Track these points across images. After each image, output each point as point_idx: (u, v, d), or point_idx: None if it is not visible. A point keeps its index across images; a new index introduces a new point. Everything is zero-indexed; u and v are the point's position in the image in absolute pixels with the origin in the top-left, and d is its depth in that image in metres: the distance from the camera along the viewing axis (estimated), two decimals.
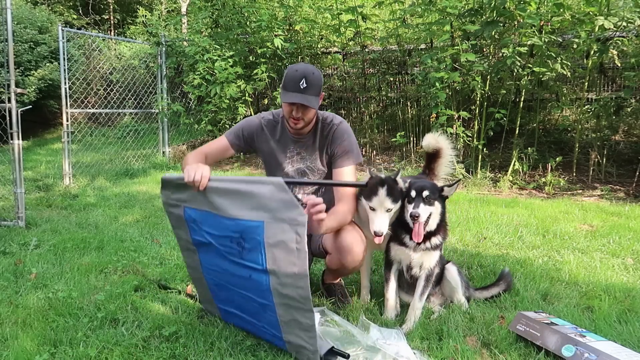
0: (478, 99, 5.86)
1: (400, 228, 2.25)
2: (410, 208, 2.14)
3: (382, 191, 2.10)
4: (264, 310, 1.92)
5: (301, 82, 2.13)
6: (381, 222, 2.12)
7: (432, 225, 2.19)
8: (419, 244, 2.20)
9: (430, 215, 2.16)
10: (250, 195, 1.79)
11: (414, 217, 2.10)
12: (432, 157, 2.84)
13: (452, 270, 2.36)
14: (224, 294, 2.11)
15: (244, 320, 2.10)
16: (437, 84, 5.55)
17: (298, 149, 2.37)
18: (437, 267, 2.29)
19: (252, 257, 1.84)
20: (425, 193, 2.14)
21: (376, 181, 2.13)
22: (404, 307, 2.35)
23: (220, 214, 1.87)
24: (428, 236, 2.20)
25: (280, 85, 2.24)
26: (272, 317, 1.90)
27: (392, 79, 7.40)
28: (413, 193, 2.16)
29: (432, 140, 2.77)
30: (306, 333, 1.83)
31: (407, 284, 2.36)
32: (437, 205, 2.18)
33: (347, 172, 2.29)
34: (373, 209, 2.14)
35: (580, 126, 5.89)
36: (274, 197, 1.75)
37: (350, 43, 7.28)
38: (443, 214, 2.23)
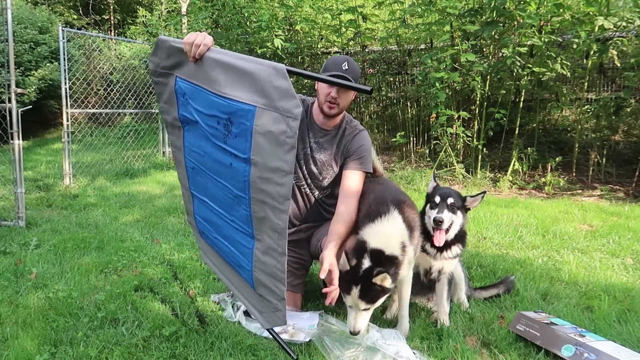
0: (478, 99, 5.86)
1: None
2: (433, 213, 2.12)
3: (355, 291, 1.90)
4: (238, 203, 1.81)
5: (344, 64, 2.17)
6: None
7: (452, 235, 2.18)
8: (439, 251, 2.19)
9: (452, 223, 2.15)
10: (248, 74, 1.66)
11: (438, 222, 2.07)
12: None
13: (457, 267, 2.37)
14: (200, 179, 2.03)
15: (215, 225, 2.05)
16: (437, 84, 5.55)
17: (318, 138, 2.36)
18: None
19: (236, 143, 1.72)
20: (450, 200, 2.13)
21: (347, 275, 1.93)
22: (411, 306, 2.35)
23: (212, 89, 1.75)
24: (448, 245, 2.19)
25: (320, 71, 2.25)
26: (246, 211, 1.78)
27: (392, 79, 7.41)
28: (437, 199, 2.13)
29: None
30: (277, 240, 1.71)
31: (421, 285, 2.36)
32: (459, 215, 2.17)
33: (354, 176, 2.27)
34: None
35: (580, 126, 5.89)
36: (272, 82, 1.62)
37: (351, 43, 7.28)
38: (463, 225, 2.22)
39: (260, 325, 1.93)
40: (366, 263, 1.89)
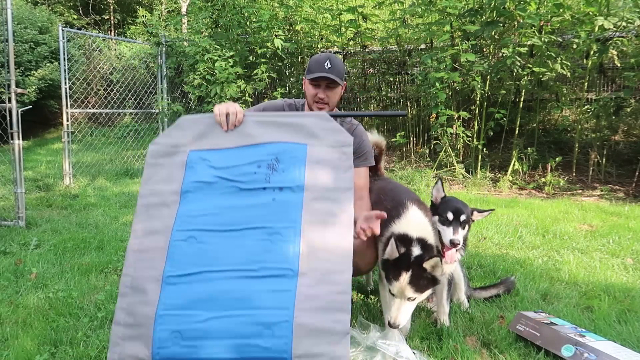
0: (478, 99, 5.86)
1: None
2: (448, 232, 2.04)
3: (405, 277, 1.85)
4: (279, 240, 1.65)
5: (326, 63, 2.18)
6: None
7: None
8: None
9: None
10: (292, 125, 1.82)
11: (455, 245, 2.01)
12: None
13: (456, 268, 2.37)
14: (198, 248, 1.70)
15: (215, 300, 1.60)
16: (437, 84, 5.55)
17: None
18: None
19: (284, 177, 1.76)
20: (463, 217, 2.08)
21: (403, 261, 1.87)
22: None
23: (250, 142, 1.84)
24: None
25: (305, 73, 2.29)
26: (291, 244, 1.64)
27: (392, 79, 7.40)
28: (450, 215, 2.07)
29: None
30: (335, 260, 1.59)
31: None
32: (467, 229, 2.15)
33: (361, 172, 2.28)
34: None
35: (580, 126, 5.89)
36: (319, 126, 1.80)
37: (351, 43, 7.28)
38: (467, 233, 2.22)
39: None
40: (416, 251, 1.88)
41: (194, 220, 1.75)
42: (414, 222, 1.98)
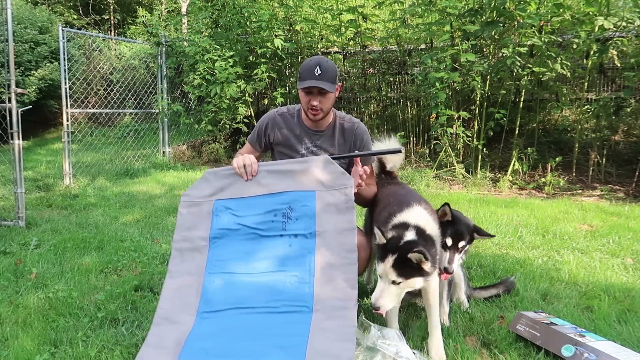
0: (478, 99, 5.86)
1: None
2: (444, 260, 2.02)
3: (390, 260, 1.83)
4: (295, 282, 1.93)
5: (316, 70, 2.21)
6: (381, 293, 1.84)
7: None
8: None
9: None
10: (300, 172, 2.08)
11: (448, 272, 2.01)
12: None
13: (457, 269, 2.36)
14: (228, 288, 1.97)
15: (240, 330, 1.86)
16: (437, 84, 5.55)
17: (315, 141, 2.38)
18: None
19: (298, 225, 2.02)
20: (462, 244, 2.05)
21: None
22: (410, 306, 2.35)
23: (266, 192, 2.09)
24: None
25: (297, 80, 2.34)
26: (305, 284, 1.91)
27: (392, 79, 7.40)
28: (449, 241, 2.03)
29: None
30: (343, 297, 1.84)
31: None
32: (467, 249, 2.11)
33: (367, 168, 2.30)
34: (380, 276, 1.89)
35: (580, 126, 5.89)
36: (323, 170, 2.06)
37: (351, 43, 7.28)
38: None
39: None
40: (409, 235, 1.85)
41: (222, 264, 2.04)
42: (415, 214, 1.97)
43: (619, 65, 5.33)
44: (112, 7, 16.70)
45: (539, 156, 5.76)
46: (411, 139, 6.72)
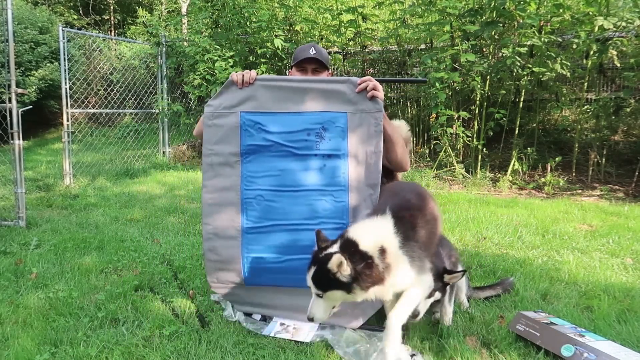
0: (478, 99, 5.87)
1: None
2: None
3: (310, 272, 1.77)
4: (330, 200, 2.09)
5: (310, 49, 2.37)
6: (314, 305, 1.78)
7: None
8: None
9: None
10: (331, 92, 2.11)
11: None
12: None
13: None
14: (269, 204, 2.13)
15: (287, 246, 2.12)
16: (437, 84, 5.56)
17: None
18: None
19: (331, 144, 2.09)
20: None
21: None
22: None
23: (297, 110, 2.12)
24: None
25: (291, 64, 2.47)
26: (341, 203, 2.08)
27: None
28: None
29: None
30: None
31: None
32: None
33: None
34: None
35: (579, 126, 5.89)
36: (353, 92, 2.10)
37: (350, 43, 7.28)
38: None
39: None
40: (334, 248, 1.75)
41: (259, 180, 2.14)
42: (363, 226, 1.85)
43: (618, 65, 5.33)
44: (112, 7, 16.70)
45: (538, 156, 5.76)
46: (411, 138, 6.71)
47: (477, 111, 5.93)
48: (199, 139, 2.43)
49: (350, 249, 1.73)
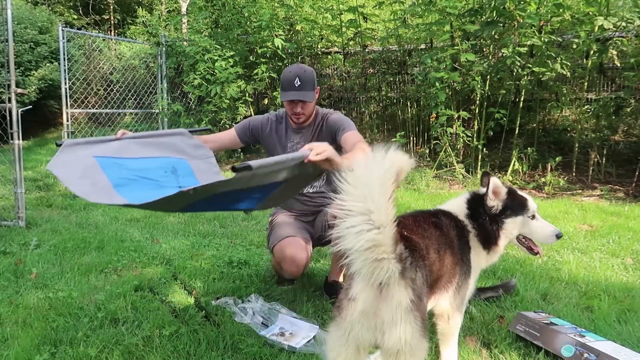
0: (478, 99, 5.86)
1: None
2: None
3: None
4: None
5: (295, 81, 2.36)
6: None
7: None
8: None
9: None
10: (165, 144, 2.23)
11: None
12: None
13: None
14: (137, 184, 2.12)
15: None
16: (437, 84, 5.55)
17: (298, 138, 2.57)
18: None
19: (188, 180, 2.15)
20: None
21: None
22: None
23: (145, 155, 2.17)
24: None
25: (279, 88, 2.41)
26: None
27: (392, 79, 7.40)
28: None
29: None
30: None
31: None
32: None
33: (351, 135, 2.31)
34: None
35: (579, 126, 5.89)
36: (184, 143, 2.25)
37: (351, 43, 7.28)
38: None
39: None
40: None
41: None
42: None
43: (618, 65, 5.33)
44: (112, 7, 16.69)
45: (538, 156, 5.75)
46: (411, 139, 6.72)
47: (477, 111, 5.93)
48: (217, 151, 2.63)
49: None
